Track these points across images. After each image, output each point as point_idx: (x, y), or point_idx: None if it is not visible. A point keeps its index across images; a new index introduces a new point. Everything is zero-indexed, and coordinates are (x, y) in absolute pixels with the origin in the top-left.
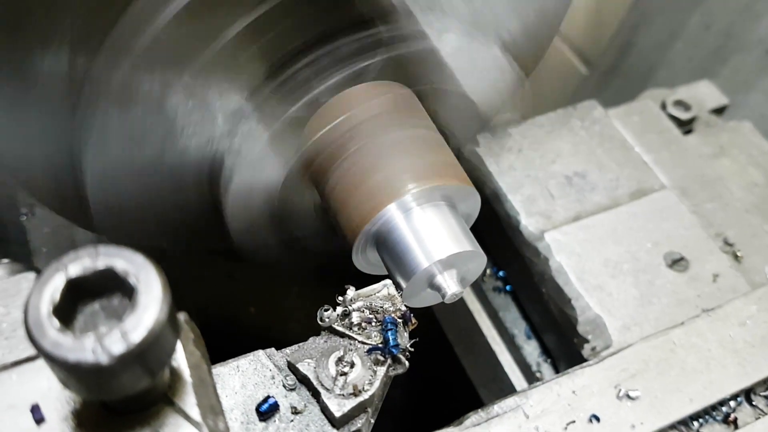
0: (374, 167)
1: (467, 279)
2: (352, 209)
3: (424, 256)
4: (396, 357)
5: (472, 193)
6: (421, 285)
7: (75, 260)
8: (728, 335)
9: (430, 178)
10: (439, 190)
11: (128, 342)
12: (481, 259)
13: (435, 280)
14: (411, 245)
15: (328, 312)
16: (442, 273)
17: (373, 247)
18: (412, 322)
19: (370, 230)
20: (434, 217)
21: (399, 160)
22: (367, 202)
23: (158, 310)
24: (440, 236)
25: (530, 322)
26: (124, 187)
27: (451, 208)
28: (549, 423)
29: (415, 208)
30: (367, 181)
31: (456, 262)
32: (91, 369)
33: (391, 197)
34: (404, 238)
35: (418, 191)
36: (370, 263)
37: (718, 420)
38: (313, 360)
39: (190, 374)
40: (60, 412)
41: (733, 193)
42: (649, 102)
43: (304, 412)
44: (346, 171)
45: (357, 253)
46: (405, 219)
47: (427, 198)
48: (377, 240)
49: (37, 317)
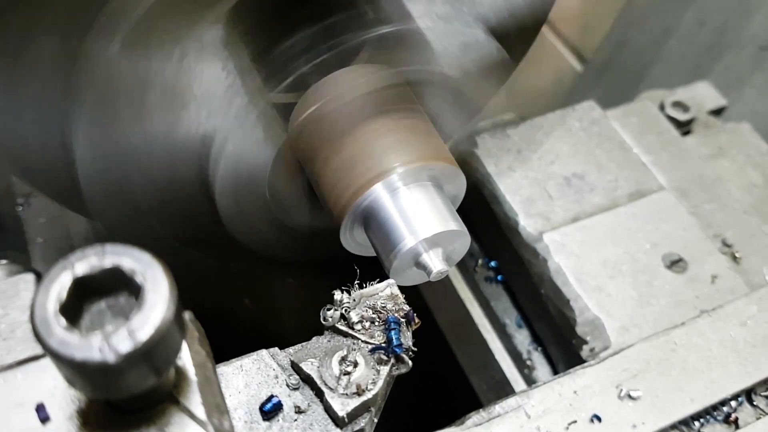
0: (361, 147)
1: (452, 258)
2: (340, 189)
3: (410, 234)
4: (399, 356)
5: (458, 174)
6: (407, 263)
7: (82, 258)
8: (729, 335)
9: (416, 159)
10: (426, 170)
11: (135, 340)
12: (465, 239)
13: (420, 259)
14: (397, 224)
15: (331, 311)
16: (428, 251)
17: (360, 227)
18: (415, 321)
19: (358, 209)
20: (420, 197)
21: (386, 140)
22: (354, 182)
23: (165, 308)
24: (426, 215)
25: (521, 311)
26: (115, 172)
27: (438, 188)
28: (551, 423)
29: (402, 187)
30: (354, 161)
31: (441, 241)
32: (98, 367)
33: (377, 177)
34: (390, 217)
35: (405, 171)
36: (358, 243)
37: (719, 420)
38: (317, 359)
39: (195, 373)
40: (65, 411)
41: (731, 194)
42: (648, 103)
43: (308, 411)
44: (333, 151)
45: (345, 232)
46: (391, 198)
47: (414, 178)
48: (364, 219)
49: (44, 316)
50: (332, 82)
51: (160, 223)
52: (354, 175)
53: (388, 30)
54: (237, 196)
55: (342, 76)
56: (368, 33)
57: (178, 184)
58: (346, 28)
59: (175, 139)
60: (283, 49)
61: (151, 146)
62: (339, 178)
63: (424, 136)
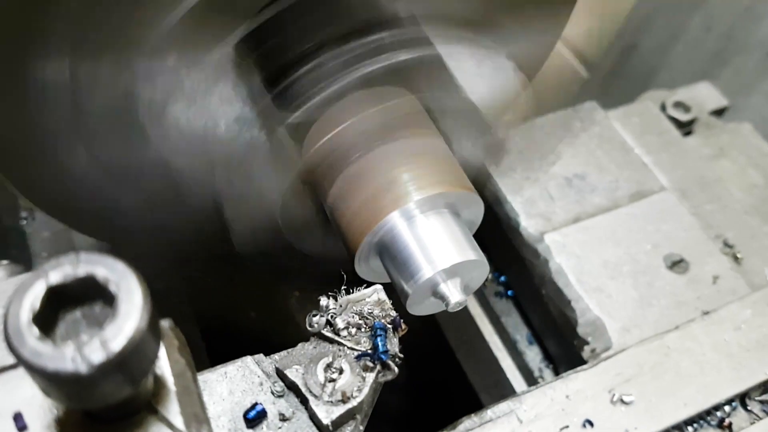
0: (377, 175)
1: (470, 287)
2: (355, 217)
3: (428, 264)
4: (385, 363)
5: (475, 201)
6: (424, 293)
7: (55, 267)
8: (723, 339)
9: (433, 186)
10: (443, 198)
11: (108, 351)
12: (484, 268)
13: (438, 289)
14: (414, 254)
15: (317, 317)
16: (446, 282)
17: (376, 256)
18: (401, 328)
19: (373, 238)
20: (438, 225)
21: (402, 167)
22: (369, 210)
23: (139, 318)
24: (444, 245)
25: (532, 328)
26: (125, 193)
27: (455, 215)
28: (542, 428)
29: (419, 215)
30: (370, 189)
31: (459, 271)
32: (70, 378)
33: (394, 205)
34: (407, 247)
35: (422, 199)
36: (373, 271)
37: (712, 425)
38: (302, 366)
39: (174, 382)
40: (43, 420)
41: (732, 194)
42: (649, 103)
43: (292, 419)
44: (348, 179)
45: (359, 261)
46: (408, 227)
47: (431, 205)
48: (380, 248)
49: (17, 325)
50: (348, 107)
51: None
52: (370, 202)
53: (407, 57)
54: (249, 222)
55: (358, 101)
56: (385, 59)
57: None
58: (364, 54)
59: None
60: (300, 74)
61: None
62: (354, 206)
63: (442, 162)
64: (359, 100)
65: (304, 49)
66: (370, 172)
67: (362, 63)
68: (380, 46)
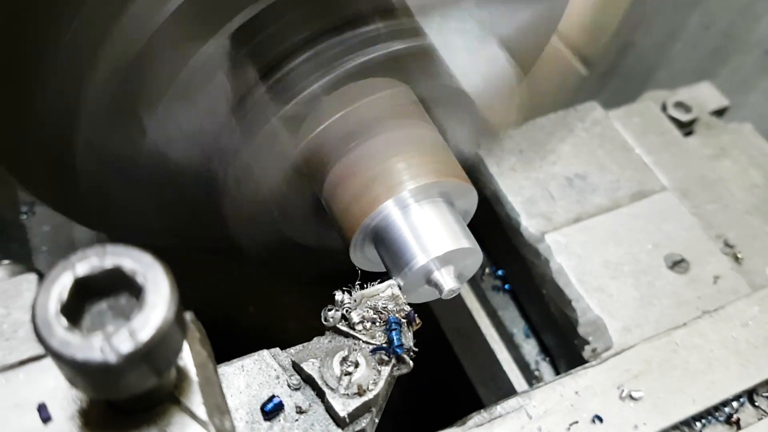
0: (372, 164)
1: (464, 275)
2: (350, 206)
3: (422, 252)
4: (400, 357)
5: (469, 190)
6: (418, 281)
7: (83, 259)
8: (731, 336)
9: (427, 175)
10: (437, 187)
11: (136, 341)
12: (478, 256)
13: (432, 277)
14: (408, 241)
15: (332, 312)
16: (440, 269)
17: (371, 244)
18: (416, 322)
19: (368, 226)
20: (432, 214)
21: (397, 156)
22: (364, 199)
23: (166, 309)
24: (438, 233)
25: (529, 321)
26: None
27: (449, 204)
28: (552, 423)
29: (413, 204)
30: (365, 178)
31: (453, 259)
32: (99, 368)
33: (388, 193)
34: (402, 235)
35: (416, 188)
36: (368, 260)
37: (720, 421)
38: (318, 360)
39: (196, 373)
40: (66, 411)
41: (733, 194)
42: (650, 103)
43: (309, 411)
44: (343, 168)
45: (355, 249)
46: (402, 215)
47: (425, 194)
48: (375, 236)
49: (45, 316)
50: (343, 98)
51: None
52: (364, 191)
53: (401, 47)
54: (246, 212)
55: (353, 92)
56: (380, 49)
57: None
58: (358, 45)
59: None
60: (295, 65)
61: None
62: (349, 195)
63: (436, 151)
64: (354, 91)
65: (298, 40)
66: (364, 162)
67: (356, 53)
68: (374, 37)
